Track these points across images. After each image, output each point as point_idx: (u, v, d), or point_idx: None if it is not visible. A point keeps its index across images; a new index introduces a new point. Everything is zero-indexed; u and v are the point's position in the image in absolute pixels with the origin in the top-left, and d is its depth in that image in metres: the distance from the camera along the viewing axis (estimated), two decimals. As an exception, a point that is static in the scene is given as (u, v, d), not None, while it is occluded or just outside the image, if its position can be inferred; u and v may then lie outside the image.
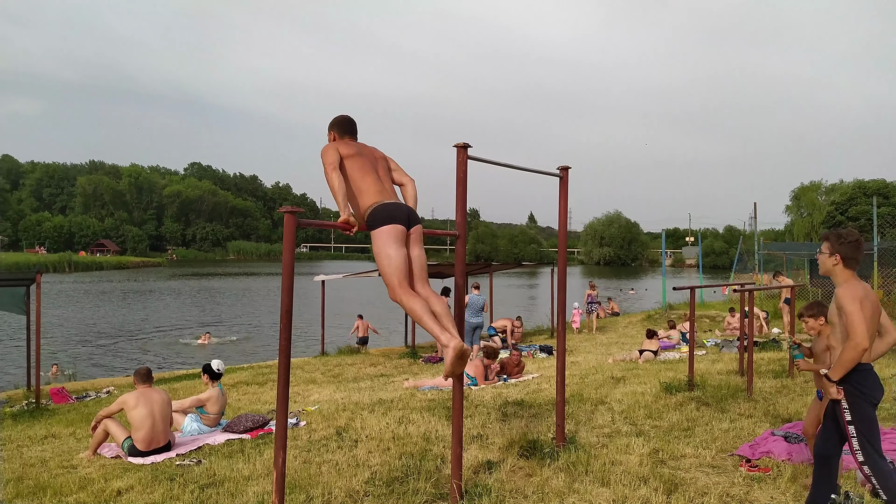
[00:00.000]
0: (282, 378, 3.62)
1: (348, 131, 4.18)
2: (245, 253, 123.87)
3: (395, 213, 3.83)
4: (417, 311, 3.61)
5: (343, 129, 4.18)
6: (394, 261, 3.70)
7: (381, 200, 3.85)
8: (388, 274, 3.71)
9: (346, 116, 4.24)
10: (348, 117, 4.24)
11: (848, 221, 44.88)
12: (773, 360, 10.10)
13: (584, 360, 12.08)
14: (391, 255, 3.71)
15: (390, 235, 3.75)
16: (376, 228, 3.78)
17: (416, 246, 3.90)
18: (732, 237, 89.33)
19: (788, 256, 26.82)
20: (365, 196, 3.87)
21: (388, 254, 3.72)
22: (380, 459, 5.27)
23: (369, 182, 3.89)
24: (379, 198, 3.85)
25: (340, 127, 4.18)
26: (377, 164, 4.05)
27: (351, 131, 4.19)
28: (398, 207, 3.88)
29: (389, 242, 3.74)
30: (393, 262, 3.70)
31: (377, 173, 3.98)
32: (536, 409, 7.15)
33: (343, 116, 4.24)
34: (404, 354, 14.99)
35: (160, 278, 60.15)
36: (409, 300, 3.65)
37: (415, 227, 3.92)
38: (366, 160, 3.99)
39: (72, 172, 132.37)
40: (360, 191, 3.89)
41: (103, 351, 20.04)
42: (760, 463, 4.90)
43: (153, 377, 6.74)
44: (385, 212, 3.80)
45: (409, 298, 3.65)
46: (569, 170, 5.55)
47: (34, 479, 5.30)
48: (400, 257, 3.73)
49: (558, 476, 4.63)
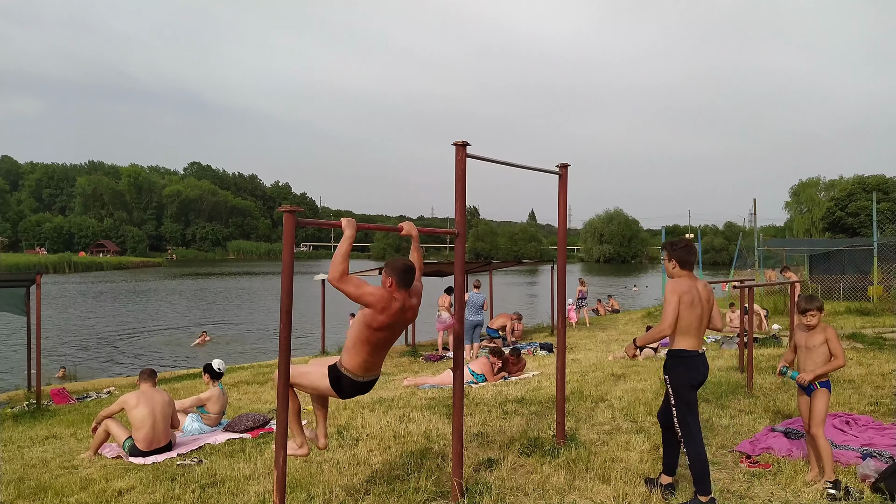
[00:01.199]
0: (282, 377, 3.63)
1: (405, 283, 3.85)
2: (245, 252, 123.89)
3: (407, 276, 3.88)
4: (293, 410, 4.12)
5: (401, 278, 3.83)
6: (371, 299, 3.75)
7: (360, 372, 3.92)
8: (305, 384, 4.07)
9: (408, 264, 3.89)
10: (411, 265, 3.91)
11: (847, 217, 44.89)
12: (773, 356, 10.11)
13: (585, 358, 12.08)
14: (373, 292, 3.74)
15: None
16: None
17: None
18: (732, 233, 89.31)
19: (788, 253, 26.82)
20: (355, 358, 3.87)
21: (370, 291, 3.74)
22: (380, 458, 5.28)
23: (378, 357, 3.97)
24: (362, 372, 3.92)
25: (400, 276, 3.83)
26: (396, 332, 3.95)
27: (407, 284, 3.87)
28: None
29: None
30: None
31: (385, 351, 3.99)
32: (537, 406, 7.16)
33: (405, 264, 3.87)
34: (405, 353, 15.00)
35: (160, 278, 60.14)
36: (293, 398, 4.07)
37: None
38: (389, 335, 3.91)
39: (71, 173, 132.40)
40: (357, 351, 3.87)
41: (103, 351, 20.05)
42: (761, 459, 4.91)
43: (157, 377, 6.75)
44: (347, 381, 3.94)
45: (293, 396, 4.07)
46: (568, 167, 5.55)
47: (35, 480, 5.31)
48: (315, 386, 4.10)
49: (559, 473, 4.64)
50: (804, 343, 4.51)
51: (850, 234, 40.91)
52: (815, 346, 4.43)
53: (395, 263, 3.85)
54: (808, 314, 4.48)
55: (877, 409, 6.41)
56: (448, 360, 13.27)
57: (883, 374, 8.19)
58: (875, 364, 8.93)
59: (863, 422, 5.72)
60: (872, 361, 9.16)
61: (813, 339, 4.45)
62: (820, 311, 4.49)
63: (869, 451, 4.93)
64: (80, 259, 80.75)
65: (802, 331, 4.57)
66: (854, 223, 43.24)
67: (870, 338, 11.87)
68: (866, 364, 8.92)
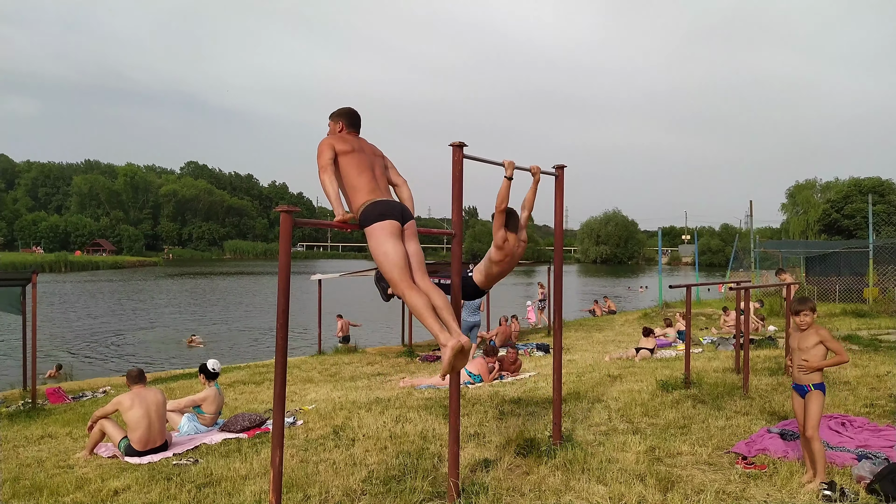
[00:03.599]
0: (278, 377, 3.62)
1: (353, 125, 4.12)
2: (241, 252, 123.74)
3: (388, 209, 3.81)
4: (419, 307, 3.61)
5: (350, 121, 4.12)
6: (391, 256, 3.69)
7: (373, 199, 3.83)
8: (387, 270, 3.70)
9: (352, 109, 4.18)
10: (355, 110, 4.18)
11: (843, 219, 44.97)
12: (768, 357, 10.13)
13: (581, 359, 12.09)
14: (388, 252, 3.70)
15: (385, 231, 3.74)
16: (369, 226, 3.77)
17: (411, 241, 3.89)
18: (728, 235, 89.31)
19: (784, 254, 26.88)
20: (358, 194, 3.85)
21: (384, 250, 3.71)
22: (377, 458, 5.28)
23: (364, 180, 3.87)
24: (371, 196, 3.84)
25: (348, 118, 4.12)
26: (374, 162, 4.02)
27: (356, 125, 4.14)
28: (390, 204, 3.86)
29: (385, 238, 3.73)
30: (391, 258, 3.69)
31: (373, 172, 3.95)
32: (533, 407, 7.16)
33: (350, 109, 4.17)
34: (401, 353, 14.98)
35: (156, 278, 60.02)
36: (411, 296, 3.63)
37: (408, 222, 3.91)
38: (363, 157, 3.95)
39: (67, 172, 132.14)
40: (353, 188, 3.87)
41: (99, 350, 19.99)
42: (756, 460, 4.92)
43: (146, 377, 6.74)
44: (377, 209, 3.79)
45: (410, 294, 3.64)
46: (564, 168, 5.56)
47: (31, 479, 5.30)
48: (398, 252, 3.72)
49: (555, 474, 4.64)
50: (798, 345, 4.53)
51: (846, 236, 40.97)
52: (808, 347, 4.46)
53: (340, 109, 4.16)
54: (800, 314, 4.51)
55: (872, 410, 6.43)
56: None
57: (878, 375, 8.21)
58: (871, 366, 8.95)
59: (858, 423, 5.73)
60: (868, 363, 9.18)
61: (806, 340, 4.48)
62: (813, 311, 4.52)
63: (864, 452, 4.94)
64: (76, 258, 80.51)
65: (796, 333, 4.60)
66: (850, 225, 43.31)
67: (866, 339, 11.90)
68: (862, 366, 8.94)
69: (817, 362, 4.42)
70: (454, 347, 3.48)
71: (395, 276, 3.68)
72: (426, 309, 3.61)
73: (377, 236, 3.75)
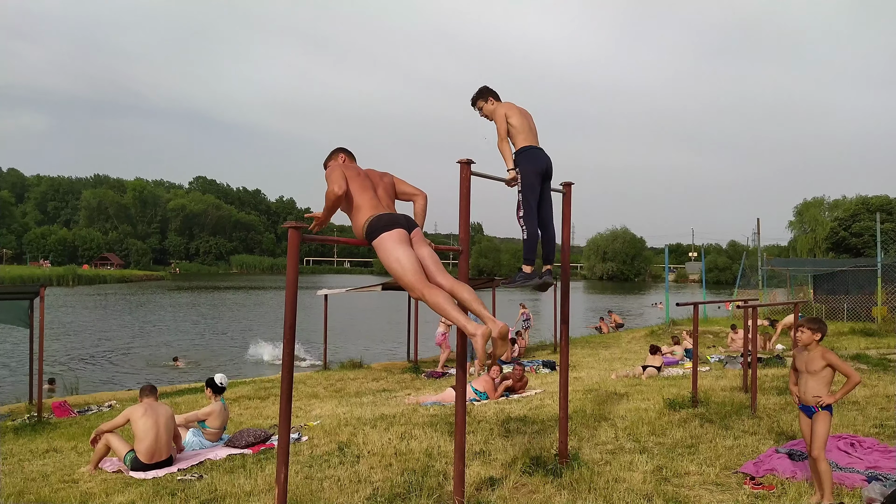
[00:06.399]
0: (284, 393, 3.63)
1: (351, 156, 4.51)
2: (248, 267, 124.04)
3: (392, 220, 3.92)
4: (441, 303, 3.64)
5: (347, 153, 4.51)
6: (404, 262, 3.74)
7: (376, 213, 3.95)
8: (401, 276, 3.75)
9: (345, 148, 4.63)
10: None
11: (851, 237, 44.79)
12: (776, 376, 10.06)
13: (587, 376, 12.03)
14: (400, 258, 3.76)
15: (393, 239, 3.82)
16: (377, 237, 3.85)
17: (421, 246, 3.96)
18: (736, 253, 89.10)
19: (792, 273, 26.76)
20: (362, 211, 3.98)
21: (396, 257, 3.77)
22: (382, 475, 5.25)
23: (366, 198, 4.01)
24: (374, 212, 3.96)
25: (346, 151, 4.52)
26: (377, 182, 4.18)
27: (352, 156, 4.52)
28: (393, 216, 3.97)
29: (394, 246, 3.80)
30: (404, 264, 3.74)
31: (375, 191, 4.10)
32: (539, 425, 7.12)
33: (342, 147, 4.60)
34: (406, 369, 14.94)
35: (163, 292, 60.19)
36: (430, 295, 3.66)
37: (415, 230, 4.00)
38: (365, 180, 4.13)
39: (76, 186, 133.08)
40: (357, 207, 4.01)
41: (104, 365, 20.00)
42: (765, 480, 4.87)
43: (157, 392, 6.76)
44: (382, 221, 3.90)
45: (429, 293, 3.67)
46: (572, 185, 5.58)
47: (35, 494, 5.29)
48: (409, 257, 3.77)
49: (561, 493, 4.61)
50: (805, 367, 4.52)
51: (853, 255, 40.78)
52: (816, 370, 4.45)
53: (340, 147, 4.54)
54: (799, 328, 4.56)
55: (882, 431, 6.37)
56: (450, 377, 13.23)
57: (888, 395, 8.14)
58: (880, 385, 8.88)
59: (868, 444, 5.68)
60: (877, 383, 9.10)
61: (813, 363, 4.47)
62: (812, 331, 4.51)
63: (874, 473, 4.89)
64: (84, 272, 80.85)
65: (802, 354, 4.58)
66: (858, 243, 43.11)
67: (874, 359, 11.81)
68: (871, 385, 8.87)
69: (830, 396, 4.40)
70: (484, 335, 3.49)
71: (411, 281, 3.72)
72: (447, 302, 3.66)
73: (386, 245, 3.81)
